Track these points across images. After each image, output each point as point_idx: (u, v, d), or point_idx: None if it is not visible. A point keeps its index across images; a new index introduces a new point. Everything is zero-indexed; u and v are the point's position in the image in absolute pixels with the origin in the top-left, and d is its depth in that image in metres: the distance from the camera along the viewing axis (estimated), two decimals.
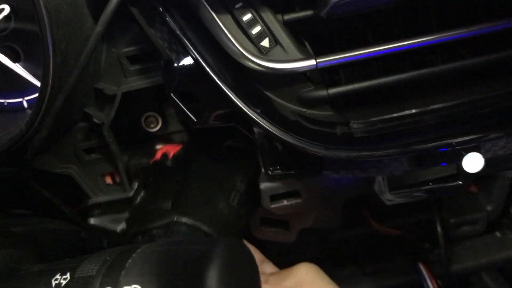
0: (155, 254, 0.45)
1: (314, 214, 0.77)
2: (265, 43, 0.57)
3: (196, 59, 0.58)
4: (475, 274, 0.94)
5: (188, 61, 0.59)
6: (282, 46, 0.57)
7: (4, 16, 0.62)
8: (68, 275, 0.46)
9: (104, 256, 0.47)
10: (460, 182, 0.64)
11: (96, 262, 0.46)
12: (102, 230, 0.76)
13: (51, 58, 0.55)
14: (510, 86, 0.57)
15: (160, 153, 0.76)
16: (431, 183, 0.65)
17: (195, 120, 0.62)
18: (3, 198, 0.72)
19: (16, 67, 0.64)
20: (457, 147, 0.58)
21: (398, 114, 0.58)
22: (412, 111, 0.58)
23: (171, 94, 0.60)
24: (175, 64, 0.59)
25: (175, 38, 0.59)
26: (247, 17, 0.56)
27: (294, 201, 0.71)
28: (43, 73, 0.56)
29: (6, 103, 0.68)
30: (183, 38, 0.57)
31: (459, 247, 0.90)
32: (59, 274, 0.47)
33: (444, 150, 0.58)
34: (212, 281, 0.40)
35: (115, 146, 0.69)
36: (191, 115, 0.62)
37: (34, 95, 0.67)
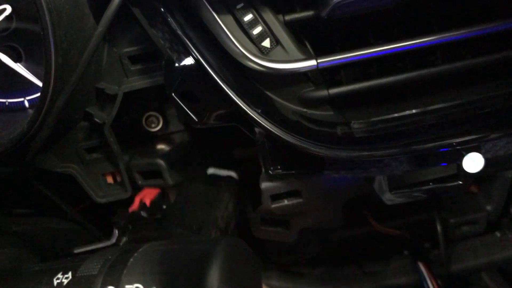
0: (156, 253, 0.45)
1: (315, 213, 0.77)
2: (266, 43, 0.57)
3: (197, 59, 0.58)
4: (475, 274, 0.94)
5: (189, 61, 0.59)
6: (283, 46, 0.57)
7: (6, 16, 0.62)
8: (69, 274, 0.46)
9: (106, 255, 0.47)
10: (460, 182, 0.64)
11: (98, 261, 0.46)
12: None
13: (53, 58, 0.55)
14: (510, 86, 0.57)
15: (138, 200, 0.75)
16: (431, 183, 0.65)
17: (196, 119, 0.62)
18: (4, 197, 0.72)
19: (18, 67, 0.64)
20: (457, 147, 0.58)
21: (399, 114, 0.58)
22: (413, 111, 0.58)
23: (172, 94, 0.60)
24: (176, 64, 0.60)
25: (176, 38, 0.59)
26: (248, 17, 0.56)
27: (295, 200, 0.72)
28: (45, 73, 0.56)
29: (7, 103, 0.68)
30: (184, 38, 0.57)
31: (459, 247, 0.89)
32: (60, 273, 0.47)
33: (444, 150, 0.58)
34: (213, 279, 0.41)
35: (116, 145, 0.69)
36: (192, 115, 0.62)
37: (35, 95, 0.67)
